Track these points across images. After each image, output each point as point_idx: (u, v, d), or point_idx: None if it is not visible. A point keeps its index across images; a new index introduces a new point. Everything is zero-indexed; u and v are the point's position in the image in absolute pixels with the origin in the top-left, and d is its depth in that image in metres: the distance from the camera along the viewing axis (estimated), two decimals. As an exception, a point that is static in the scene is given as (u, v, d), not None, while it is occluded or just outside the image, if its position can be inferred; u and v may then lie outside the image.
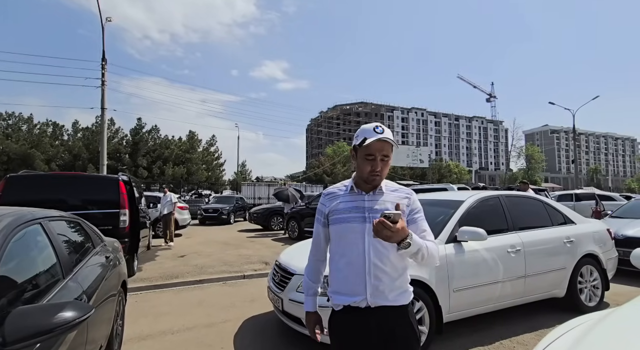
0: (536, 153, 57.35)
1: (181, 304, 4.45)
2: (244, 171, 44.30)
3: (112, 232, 5.20)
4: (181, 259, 7.21)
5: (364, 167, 1.37)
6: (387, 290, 1.35)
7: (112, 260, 3.01)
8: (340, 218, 1.41)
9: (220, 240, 10.19)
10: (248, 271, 6.07)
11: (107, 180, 5.99)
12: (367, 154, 1.35)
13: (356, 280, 1.35)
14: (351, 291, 1.36)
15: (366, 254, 1.35)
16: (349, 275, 1.37)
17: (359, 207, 1.40)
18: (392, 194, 1.42)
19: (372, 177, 1.36)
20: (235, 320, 3.80)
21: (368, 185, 1.42)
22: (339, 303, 1.39)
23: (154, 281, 5.40)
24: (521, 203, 3.95)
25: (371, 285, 1.34)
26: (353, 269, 1.36)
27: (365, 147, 1.35)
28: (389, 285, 1.35)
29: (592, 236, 4.05)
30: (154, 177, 30.71)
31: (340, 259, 1.40)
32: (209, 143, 37.65)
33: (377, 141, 1.33)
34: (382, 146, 1.35)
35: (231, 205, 16.60)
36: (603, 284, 4.00)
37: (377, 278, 1.34)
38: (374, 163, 1.34)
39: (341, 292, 1.39)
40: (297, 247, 3.90)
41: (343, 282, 1.39)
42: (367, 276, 1.34)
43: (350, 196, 1.44)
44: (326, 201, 1.49)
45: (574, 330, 1.32)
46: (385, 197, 1.40)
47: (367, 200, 1.40)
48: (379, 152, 1.34)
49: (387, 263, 1.35)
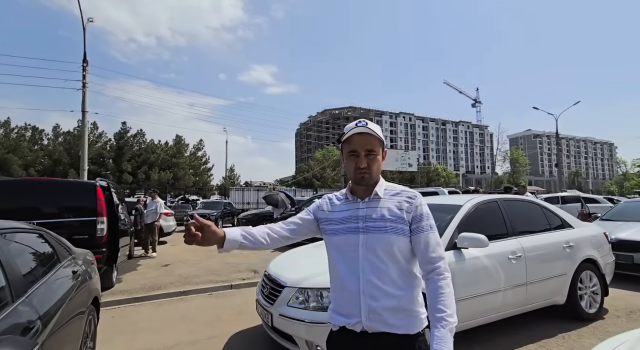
0: (521, 157, 58.81)
1: (163, 319, 4.13)
2: (233, 176, 43.70)
3: (88, 242, 4.87)
4: (165, 268, 6.85)
5: (349, 166, 1.23)
6: (387, 313, 1.14)
7: (81, 275, 2.71)
8: (335, 229, 1.25)
9: (207, 248, 9.68)
10: (236, 280, 5.78)
11: (83, 186, 5.63)
12: (350, 150, 1.22)
13: (350, 299, 1.18)
14: (346, 311, 1.19)
15: (360, 270, 1.17)
16: (343, 292, 1.21)
17: (353, 217, 1.22)
18: (392, 199, 1.24)
19: (360, 176, 1.20)
20: (221, 336, 3.53)
21: (362, 190, 1.25)
22: (335, 323, 1.24)
23: (134, 293, 5.06)
24: (519, 207, 3.82)
25: (366, 306, 1.15)
26: (347, 286, 1.19)
27: (346, 143, 1.22)
28: (389, 307, 1.14)
29: (590, 240, 3.95)
30: (139, 182, 29.86)
31: (336, 274, 1.25)
32: (196, 147, 36.96)
33: (358, 135, 1.19)
34: (365, 140, 1.19)
35: (219, 210, 16.18)
36: (602, 289, 3.90)
37: (374, 298, 1.15)
38: (358, 159, 1.20)
39: (338, 311, 1.23)
40: (287, 256, 3.67)
41: (339, 301, 1.23)
42: (362, 295, 1.15)
43: (346, 204, 1.28)
44: (324, 204, 1.34)
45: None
46: (384, 203, 1.23)
47: (362, 208, 1.22)
48: (361, 146, 1.19)
49: (387, 280, 1.16)
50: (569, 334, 3.35)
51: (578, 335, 3.33)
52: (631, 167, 60.30)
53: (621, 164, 73.44)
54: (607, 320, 3.74)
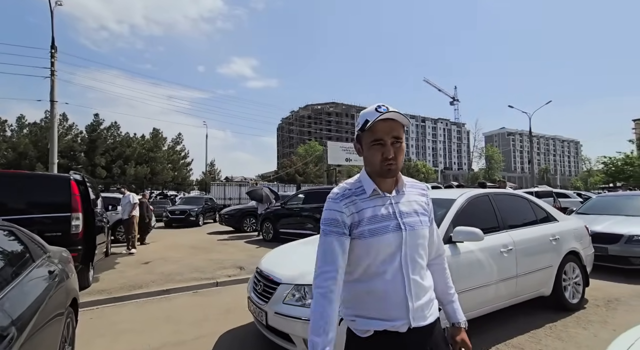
0: (495, 154, 61.09)
1: (146, 319, 3.93)
2: (213, 171, 42.71)
3: (62, 239, 4.56)
4: (145, 266, 6.56)
5: (374, 157, 1.09)
6: (426, 307, 1.13)
7: (59, 274, 2.50)
8: (372, 229, 1.09)
9: (189, 244, 9.51)
10: (221, 277, 5.61)
11: (56, 179, 5.26)
12: (373, 139, 1.09)
13: (395, 302, 1.07)
14: (388, 316, 1.07)
15: (404, 270, 1.09)
16: (385, 297, 1.08)
17: (390, 214, 1.11)
18: (412, 191, 1.21)
19: (387, 168, 1.08)
20: (209, 335, 3.38)
21: (386, 182, 1.14)
22: (369, 328, 1.08)
23: (113, 293, 4.80)
24: (509, 201, 3.89)
25: (413, 307, 1.08)
26: (390, 290, 1.08)
27: (369, 132, 1.09)
28: (426, 301, 1.14)
29: (573, 233, 4.09)
30: (114, 177, 28.58)
31: (373, 279, 1.10)
32: (174, 141, 35.73)
33: (382, 121, 1.06)
34: (390, 127, 1.07)
35: (200, 206, 15.77)
36: (584, 280, 4.05)
37: (418, 296, 1.10)
38: (385, 149, 1.07)
39: (372, 316, 1.09)
40: (279, 252, 3.55)
41: (376, 306, 1.09)
42: (409, 296, 1.07)
43: (372, 200, 1.12)
44: (343, 208, 1.10)
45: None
46: (409, 197, 1.18)
47: (393, 203, 1.13)
48: (387, 134, 1.07)
49: (425, 276, 1.17)
50: (555, 324, 3.45)
51: (563, 325, 3.43)
52: (595, 164, 63.96)
53: (586, 161, 77.81)
54: (588, 309, 3.89)
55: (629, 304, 4.07)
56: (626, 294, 4.48)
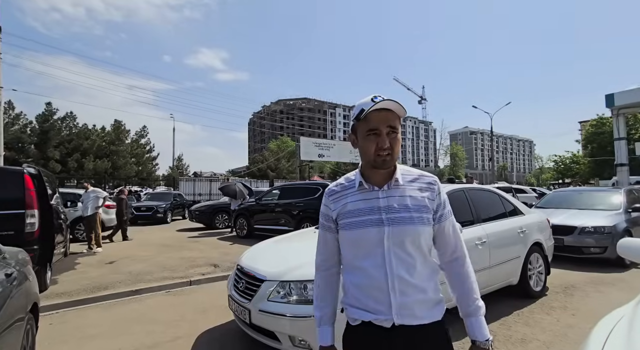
0: (459, 152, 64.44)
1: (114, 322, 3.68)
2: (181, 166, 41.02)
3: (16, 239, 4.16)
4: (110, 266, 6.16)
5: (368, 147, 1.07)
6: (418, 306, 1.07)
7: (16, 277, 2.26)
8: (350, 223, 1.11)
9: (158, 242, 9.06)
10: (195, 276, 5.40)
11: (7, 173, 4.75)
12: (368, 129, 1.07)
13: (378, 297, 1.07)
14: (373, 308, 1.08)
15: (387, 266, 1.07)
16: (368, 291, 1.09)
17: (373, 208, 1.09)
18: (411, 185, 1.13)
19: (381, 158, 1.06)
20: (186, 336, 3.24)
21: (380, 175, 1.12)
22: (356, 317, 1.12)
23: (75, 295, 4.45)
24: (482, 196, 4.08)
25: (397, 303, 1.06)
26: (373, 284, 1.08)
27: (364, 122, 1.07)
28: (420, 300, 1.08)
29: (537, 226, 4.38)
30: (70, 171, 26.52)
31: (356, 271, 1.13)
32: (139, 134, 33.79)
33: (378, 111, 1.04)
34: (385, 116, 1.05)
35: (168, 202, 15.07)
36: (546, 269, 4.36)
37: (404, 293, 1.06)
38: (380, 139, 1.05)
39: (360, 307, 1.11)
40: (260, 248, 3.47)
41: (362, 297, 1.11)
42: (392, 292, 1.06)
43: (361, 194, 1.13)
44: (330, 203, 1.18)
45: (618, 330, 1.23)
46: (405, 191, 1.11)
47: (382, 198, 1.10)
48: (383, 123, 1.05)
49: (414, 273, 1.08)
50: (522, 311, 3.69)
51: (530, 312, 3.68)
52: (546, 162, 69.40)
53: (538, 159, 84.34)
54: (549, 296, 4.20)
55: (584, 290, 4.45)
56: (581, 280, 4.89)
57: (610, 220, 6.03)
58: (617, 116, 17.00)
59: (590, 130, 38.69)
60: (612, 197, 6.99)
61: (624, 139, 17.01)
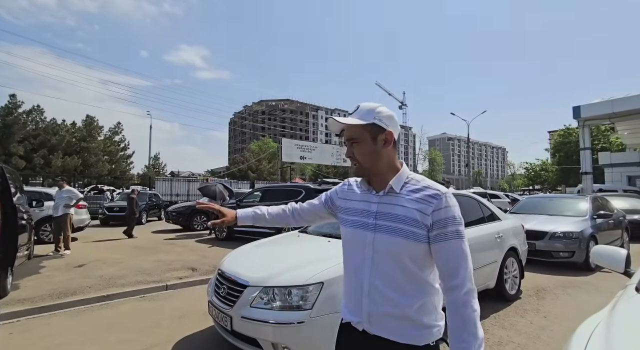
0: (437, 157, 66.48)
1: (83, 330, 3.47)
2: (157, 165, 39.71)
3: (-28, 241, 3.83)
4: (79, 270, 5.82)
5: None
6: (389, 320, 1.04)
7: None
8: (345, 219, 1.19)
9: (131, 244, 8.69)
10: (171, 280, 5.20)
11: (-36, 169, 4.40)
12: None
13: (355, 298, 1.12)
14: (352, 310, 1.14)
15: (366, 270, 1.07)
16: (349, 292, 1.16)
17: (365, 211, 1.12)
18: (410, 195, 1.05)
19: (353, 166, 1.15)
20: (163, 344, 3.10)
21: (379, 180, 1.13)
22: (342, 315, 1.19)
23: (39, 301, 4.16)
24: (461, 201, 4.11)
25: (367, 309, 1.07)
26: (352, 285, 1.14)
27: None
28: (390, 314, 1.03)
29: (513, 231, 4.55)
30: (36, 168, 25.02)
31: (345, 270, 1.20)
32: (112, 131, 32.46)
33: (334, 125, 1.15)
34: (346, 130, 1.15)
35: (143, 202, 14.50)
36: (520, 273, 4.53)
37: (374, 302, 1.05)
38: (347, 149, 1.15)
39: (346, 306, 1.18)
40: (242, 252, 3.38)
41: (347, 296, 1.18)
42: (364, 297, 1.08)
43: (362, 194, 1.18)
44: (339, 190, 1.30)
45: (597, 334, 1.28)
46: (399, 200, 1.05)
47: (375, 202, 1.10)
48: (345, 136, 1.15)
49: (392, 285, 1.03)
50: (498, 314, 3.81)
51: (505, 314, 3.80)
52: (518, 169, 72.76)
53: (510, 166, 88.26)
54: (523, 299, 4.37)
55: (554, 293, 4.65)
56: (551, 284, 5.12)
57: (577, 226, 6.36)
58: (582, 127, 18.09)
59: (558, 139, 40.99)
60: (579, 204, 7.38)
61: (588, 149, 18.11)
